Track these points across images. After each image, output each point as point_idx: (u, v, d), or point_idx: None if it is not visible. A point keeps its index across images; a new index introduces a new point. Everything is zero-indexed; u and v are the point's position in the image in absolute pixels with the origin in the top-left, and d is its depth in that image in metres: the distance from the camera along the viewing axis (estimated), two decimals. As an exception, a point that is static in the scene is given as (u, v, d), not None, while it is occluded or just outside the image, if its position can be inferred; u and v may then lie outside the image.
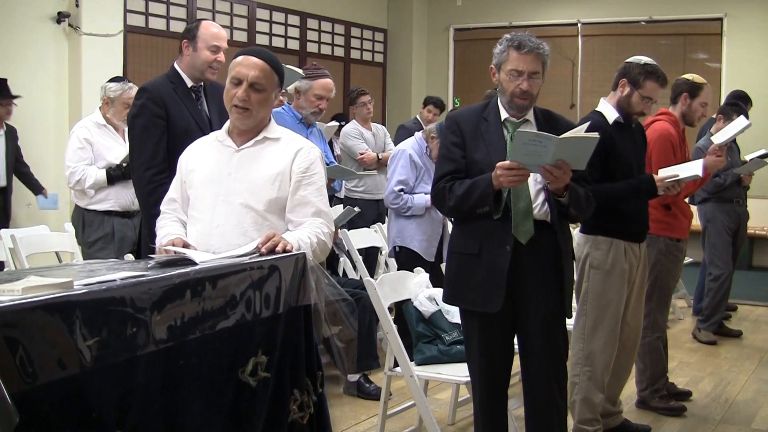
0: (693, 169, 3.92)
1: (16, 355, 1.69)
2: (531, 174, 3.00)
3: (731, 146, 6.40)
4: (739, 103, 6.21)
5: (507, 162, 2.93)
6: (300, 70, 4.25)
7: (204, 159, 2.93)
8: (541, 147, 2.82)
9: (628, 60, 3.92)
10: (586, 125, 3.04)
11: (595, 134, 2.93)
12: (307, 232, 2.77)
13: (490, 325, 3.12)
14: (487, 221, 3.06)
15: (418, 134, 5.49)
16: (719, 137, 4.57)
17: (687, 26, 10.45)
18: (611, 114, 3.84)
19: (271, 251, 2.56)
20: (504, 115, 3.15)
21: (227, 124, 2.95)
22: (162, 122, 3.66)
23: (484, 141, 3.11)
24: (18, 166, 6.67)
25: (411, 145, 5.39)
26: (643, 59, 3.88)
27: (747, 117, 5.91)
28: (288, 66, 4.18)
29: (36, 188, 6.69)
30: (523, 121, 3.15)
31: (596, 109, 3.92)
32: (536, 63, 3.07)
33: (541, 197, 3.09)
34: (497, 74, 3.14)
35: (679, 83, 4.54)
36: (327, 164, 4.57)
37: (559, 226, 3.10)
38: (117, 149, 5.05)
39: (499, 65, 3.13)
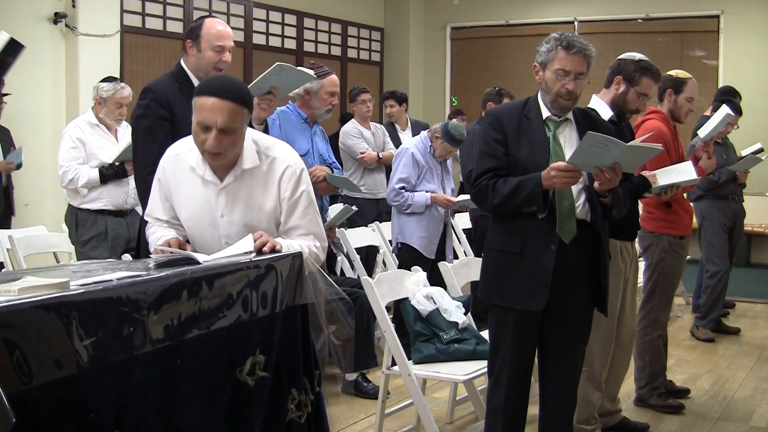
0: (687, 173, 3.92)
1: (13, 355, 1.69)
2: None
3: (726, 143, 6.41)
4: (730, 99, 6.22)
5: (562, 163, 2.94)
6: (312, 72, 4.17)
7: (189, 195, 2.82)
8: (605, 150, 2.86)
9: (620, 57, 3.91)
10: (646, 135, 3.09)
11: (659, 146, 2.99)
12: (298, 242, 2.76)
13: (526, 323, 3.13)
14: (530, 220, 3.06)
15: (424, 133, 5.57)
16: (704, 132, 4.60)
17: (684, 23, 10.46)
18: (605, 112, 3.82)
19: (260, 250, 2.56)
20: (545, 113, 3.14)
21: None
22: (166, 124, 3.53)
23: (527, 139, 3.11)
24: None
25: (415, 143, 5.51)
26: (637, 55, 3.87)
27: (736, 110, 5.95)
28: (300, 68, 4.02)
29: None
30: (564, 120, 3.16)
31: (588, 106, 3.87)
32: (583, 64, 3.08)
33: (583, 197, 3.11)
34: (541, 72, 3.13)
35: (663, 80, 4.53)
36: (330, 165, 4.57)
37: (600, 225, 3.13)
38: (109, 148, 5.06)
39: (544, 64, 3.12)
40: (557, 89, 3.07)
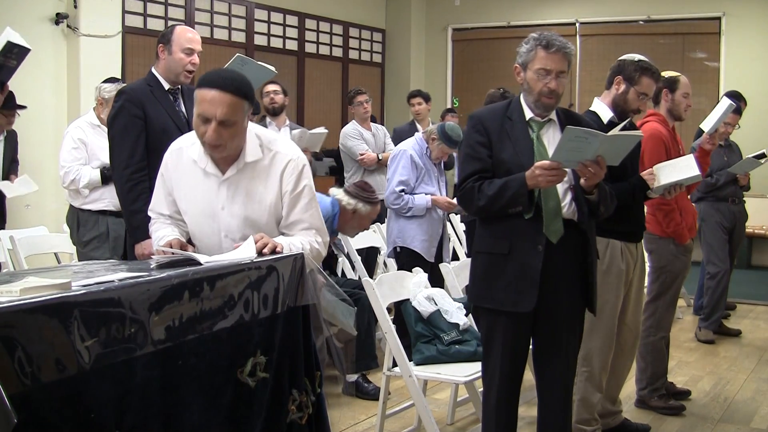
0: (690, 169, 3.91)
1: (15, 356, 1.69)
2: None
3: (730, 145, 6.41)
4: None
5: (547, 162, 2.93)
6: (272, 68, 4.26)
7: (191, 187, 2.84)
8: (586, 143, 2.85)
9: (621, 58, 3.92)
10: (623, 124, 3.07)
11: (639, 132, 2.98)
12: (299, 239, 2.78)
13: (516, 325, 3.12)
14: (516, 221, 3.05)
15: (419, 135, 5.52)
16: (707, 124, 4.62)
17: (685, 25, 10.46)
18: (605, 113, 3.84)
19: (260, 252, 2.56)
20: (528, 114, 3.14)
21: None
22: (140, 122, 3.75)
23: (510, 140, 3.10)
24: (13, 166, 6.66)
25: (411, 145, 5.42)
26: (637, 56, 3.89)
27: (739, 110, 5.95)
28: (260, 63, 4.22)
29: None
30: (548, 121, 3.15)
31: (590, 108, 3.91)
32: (563, 62, 3.07)
33: (569, 196, 3.09)
34: (522, 73, 3.13)
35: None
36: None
37: (587, 224, 3.12)
38: None
39: (525, 64, 3.11)
40: (539, 89, 3.07)
